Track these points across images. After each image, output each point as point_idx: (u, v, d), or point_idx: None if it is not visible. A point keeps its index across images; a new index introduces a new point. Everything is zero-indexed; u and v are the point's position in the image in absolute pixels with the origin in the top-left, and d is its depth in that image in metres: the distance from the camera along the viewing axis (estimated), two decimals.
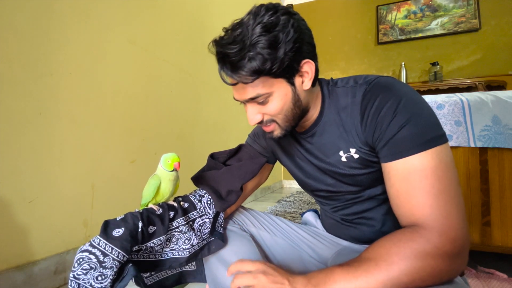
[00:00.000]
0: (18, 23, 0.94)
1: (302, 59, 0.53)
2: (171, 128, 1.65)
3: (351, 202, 0.65)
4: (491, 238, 1.06)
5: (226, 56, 0.50)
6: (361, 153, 0.57)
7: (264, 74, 0.50)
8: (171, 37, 1.66)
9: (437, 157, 0.46)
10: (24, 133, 0.95)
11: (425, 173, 0.46)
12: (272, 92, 0.53)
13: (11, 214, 0.91)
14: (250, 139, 0.80)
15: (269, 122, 0.57)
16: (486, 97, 1.08)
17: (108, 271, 0.45)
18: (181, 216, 0.59)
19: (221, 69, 0.53)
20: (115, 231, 0.49)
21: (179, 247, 0.57)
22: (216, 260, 0.62)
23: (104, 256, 0.46)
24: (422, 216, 0.45)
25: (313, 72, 0.55)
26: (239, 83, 0.52)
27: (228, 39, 0.51)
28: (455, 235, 0.43)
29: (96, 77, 1.20)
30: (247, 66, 0.49)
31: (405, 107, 0.49)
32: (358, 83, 0.57)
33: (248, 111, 0.56)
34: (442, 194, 0.45)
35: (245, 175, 0.68)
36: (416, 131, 0.47)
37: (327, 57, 3.33)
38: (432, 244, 0.42)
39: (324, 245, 0.72)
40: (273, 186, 3.19)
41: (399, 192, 0.48)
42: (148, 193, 0.57)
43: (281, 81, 0.53)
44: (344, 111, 0.58)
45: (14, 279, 0.90)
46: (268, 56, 0.48)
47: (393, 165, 0.49)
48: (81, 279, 0.44)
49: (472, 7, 2.75)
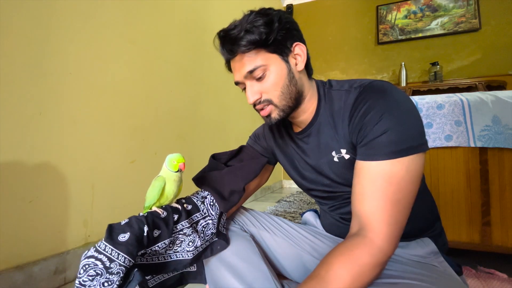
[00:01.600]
0: (18, 23, 0.94)
1: (293, 41, 0.60)
2: (171, 128, 1.65)
3: (347, 201, 0.66)
4: (491, 238, 1.06)
5: (227, 34, 0.58)
6: (351, 154, 0.59)
7: (260, 46, 0.56)
8: (171, 37, 1.66)
9: (406, 168, 0.50)
10: (24, 133, 0.95)
11: (391, 180, 0.50)
12: (268, 65, 0.58)
13: (11, 214, 0.91)
14: (251, 141, 0.82)
15: (266, 103, 0.60)
16: (486, 97, 1.08)
17: (114, 277, 0.45)
18: (185, 219, 0.59)
19: (222, 46, 0.59)
20: (121, 236, 0.48)
21: (183, 249, 0.57)
22: (217, 261, 0.62)
23: (110, 262, 0.45)
24: (377, 219, 0.50)
25: (305, 54, 0.61)
26: (238, 54, 0.58)
27: (229, 27, 0.59)
28: (396, 242, 0.50)
29: (96, 77, 1.20)
30: (245, 38, 0.55)
31: (391, 113, 0.51)
32: (353, 87, 0.59)
33: (247, 90, 0.60)
34: (399, 203, 0.50)
35: (247, 175, 0.69)
36: (395, 138, 0.50)
37: (327, 57, 3.33)
38: (382, 252, 0.48)
39: (324, 244, 0.72)
40: (273, 186, 3.19)
41: (364, 190, 0.52)
42: (153, 195, 0.56)
43: (276, 57, 0.58)
44: (337, 114, 0.60)
45: (14, 279, 0.90)
46: (263, 30, 0.55)
47: (365, 164, 0.53)
48: (87, 285, 0.44)
49: (472, 7, 2.75)
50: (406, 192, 0.50)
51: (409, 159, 0.50)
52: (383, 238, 0.49)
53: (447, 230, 1.09)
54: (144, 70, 1.46)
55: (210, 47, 2.00)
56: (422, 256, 0.59)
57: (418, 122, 0.53)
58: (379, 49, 3.11)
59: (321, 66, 3.35)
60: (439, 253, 0.60)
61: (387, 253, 0.49)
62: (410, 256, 0.59)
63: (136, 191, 1.38)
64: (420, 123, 0.53)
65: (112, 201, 1.26)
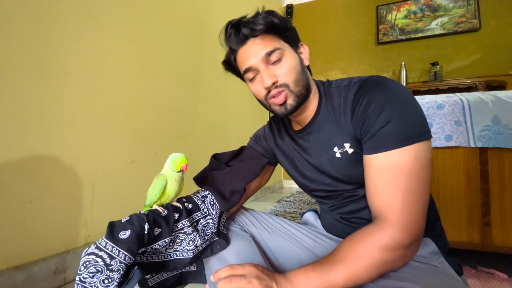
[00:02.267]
0: (18, 23, 0.94)
1: (299, 41, 0.64)
2: (171, 128, 1.65)
3: (348, 201, 0.66)
4: (491, 238, 1.06)
5: (242, 21, 0.59)
6: (354, 148, 0.59)
7: (276, 32, 0.58)
8: (171, 37, 1.66)
9: (415, 155, 0.50)
10: (24, 133, 0.95)
11: (401, 170, 0.50)
12: (284, 50, 0.59)
13: (11, 214, 0.91)
14: (252, 141, 0.83)
15: (283, 88, 0.59)
16: (486, 97, 1.08)
17: (115, 274, 0.45)
18: (185, 218, 0.59)
19: (236, 33, 0.59)
20: (122, 233, 0.48)
21: (183, 248, 0.57)
22: (217, 261, 0.62)
23: (111, 259, 0.45)
24: (390, 210, 0.50)
25: (308, 54, 0.65)
26: (251, 39, 0.58)
27: (242, 18, 0.60)
28: (414, 230, 0.49)
29: (96, 77, 1.20)
30: (265, 19, 0.57)
31: (392, 103, 0.52)
32: (352, 82, 0.61)
33: (262, 74, 0.59)
34: (412, 192, 0.49)
35: (248, 175, 0.69)
36: (399, 127, 0.50)
37: (327, 57, 3.33)
38: (393, 239, 0.48)
39: (325, 243, 0.72)
40: (273, 186, 3.19)
41: (375, 184, 0.52)
42: (154, 194, 0.56)
43: (289, 47, 0.61)
44: (338, 109, 0.61)
45: (14, 279, 0.90)
46: (278, 21, 0.58)
47: (374, 158, 0.53)
48: (88, 282, 0.44)
49: (472, 7, 2.75)
50: (418, 181, 0.50)
51: (416, 147, 0.50)
52: (399, 227, 0.49)
53: (447, 230, 1.09)
54: (144, 70, 1.46)
55: (210, 47, 2.01)
56: (423, 256, 0.59)
57: (419, 111, 0.53)
58: (379, 49, 3.11)
59: (321, 66, 3.35)
60: (439, 253, 0.60)
61: (404, 242, 0.49)
62: None
63: (136, 191, 1.38)
64: (421, 111, 0.54)
65: (112, 201, 1.26)
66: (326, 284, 0.49)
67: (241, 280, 0.49)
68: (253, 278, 0.49)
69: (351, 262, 0.49)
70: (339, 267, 0.49)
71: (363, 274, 0.49)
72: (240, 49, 0.60)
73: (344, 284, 0.49)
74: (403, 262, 0.51)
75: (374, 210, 0.53)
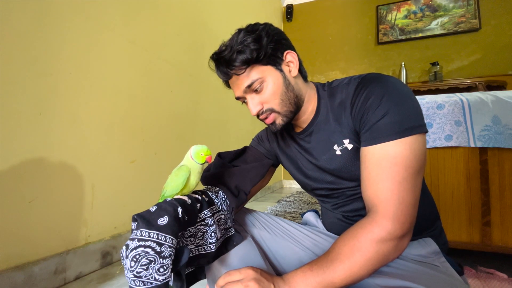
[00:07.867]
0: (18, 23, 0.94)
1: (284, 50, 0.62)
2: (171, 128, 1.65)
3: (351, 199, 0.66)
4: (491, 238, 1.06)
5: (220, 56, 0.61)
6: (354, 143, 0.60)
7: (254, 62, 0.59)
8: (171, 37, 1.66)
9: (410, 147, 0.51)
10: (24, 133, 0.95)
11: (395, 161, 0.51)
12: (264, 77, 0.60)
13: (11, 214, 0.91)
14: (254, 142, 0.83)
15: (268, 112, 0.62)
16: (486, 97, 1.08)
17: (168, 260, 0.44)
18: (206, 208, 0.58)
19: (218, 69, 0.63)
20: (160, 220, 0.47)
21: (205, 242, 0.56)
22: (217, 262, 0.62)
23: (159, 246, 0.44)
24: (382, 200, 0.51)
25: (297, 60, 0.64)
26: (233, 76, 0.61)
27: (220, 48, 0.62)
28: (406, 220, 0.50)
29: (96, 77, 1.20)
30: (238, 58, 0.58)
31: (390, 96, 0.53)
32: (352, 79, 0.62)
33: (249, 103, 0.63)
34: (405, 181, 0.50)
35: (255, 177, 0.70)
36: (396, 119, 0.52)
37: (327, 57, 3.33)
38: (385, 230, 0.49)
39: (326, 242, 0.72)
40: (273, 186, 3.19)
41: (370, 175, 0.53)
42: (177, 185, 0.53)
43: (270, 68, 0.61)
44: (339, 106, 0.62)
45: (14, 279, 0.90)
46: (254, 47, 0.58)
47: (370, 149, 0.54)
48: (144, 275, 0.42)
49: (472, 7, 2.75)
50: (412, 171, 0.51)
51: (411, 139, 0.51)
52: (390, 217, 0.49)
53: (447, 230, 1.09)
54: (144, 70, 1.46)
55: (210, 47, 2.01)
56: (424, 256, 0.59)
57: (416, 104, 0.54)
58: (379, 49, 3.11)
59: (321, 66, 3.35)
60: (440, 253, 0.61)
61: (395, 232, 0.49)
62: (412, 256, 0.59)
63: (136, 191, 1.38)
64: (418, 105, 0.55)
65: (112, 201, 1.26)
66: (324, 283, 0.49)
67: (237, 286, 0.49)
68: (250, 281, 0.49)
69: (347, 258, 0.50)
70: (336, 264, 0.50)
71: (359, 269, 0.49)
72: (229, 80, 0.65)
73: (342, 280, 0.49)
74: (396, 253, 0.51)
75: (367, 202, 0.54)
